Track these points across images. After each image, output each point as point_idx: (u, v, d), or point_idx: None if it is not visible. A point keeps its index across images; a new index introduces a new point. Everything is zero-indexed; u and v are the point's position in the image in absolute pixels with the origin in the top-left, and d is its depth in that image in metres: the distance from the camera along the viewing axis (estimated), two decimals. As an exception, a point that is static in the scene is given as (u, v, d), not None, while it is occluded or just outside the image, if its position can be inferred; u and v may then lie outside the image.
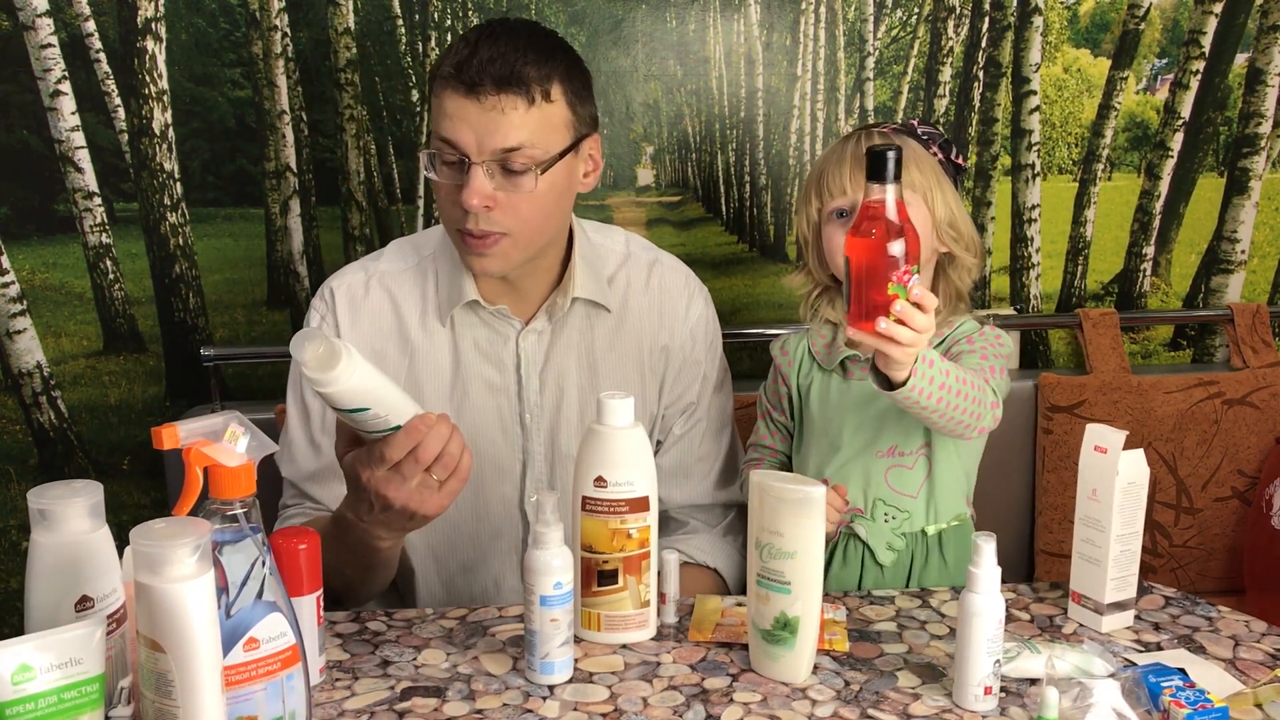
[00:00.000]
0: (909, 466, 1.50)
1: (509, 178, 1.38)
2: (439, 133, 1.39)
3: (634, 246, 1.63)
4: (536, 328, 1.53)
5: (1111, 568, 1.31)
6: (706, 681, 1.21)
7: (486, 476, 1.55)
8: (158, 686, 0.92)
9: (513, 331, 1.53)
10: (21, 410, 2.13)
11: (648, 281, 1.60)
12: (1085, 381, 2.17)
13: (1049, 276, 2.32)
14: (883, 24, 2.20)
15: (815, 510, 1.17)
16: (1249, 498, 2.22)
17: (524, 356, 1.54)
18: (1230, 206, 2.33)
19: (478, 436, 1.53)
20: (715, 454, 1.65)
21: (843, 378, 1.53)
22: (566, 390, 1.55)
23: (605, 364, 1.57)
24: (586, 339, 1.56)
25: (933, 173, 1.48)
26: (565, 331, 1.55)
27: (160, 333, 2.14)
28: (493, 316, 1.53)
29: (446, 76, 1.37)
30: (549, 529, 1.19)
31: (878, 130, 1.51)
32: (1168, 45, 2.26)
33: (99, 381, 2.15)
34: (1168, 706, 1.11)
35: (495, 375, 1.54)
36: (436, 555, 1.59)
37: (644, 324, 1.59)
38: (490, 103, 1.35)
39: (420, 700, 1.17)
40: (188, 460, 0.98)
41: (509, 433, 1.55)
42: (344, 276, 1.57)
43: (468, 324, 1.53)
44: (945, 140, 1.56)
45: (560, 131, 1.40)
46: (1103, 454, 1.31)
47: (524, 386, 1.54)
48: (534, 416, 1.55)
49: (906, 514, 1.51)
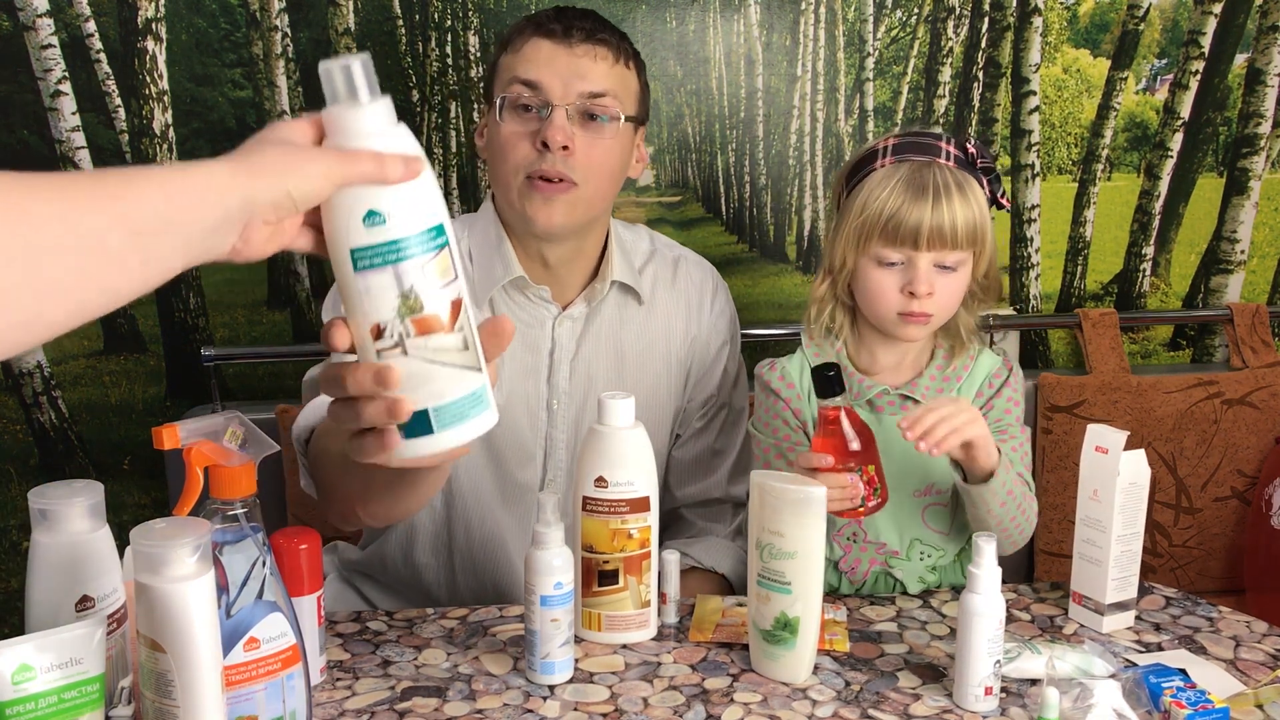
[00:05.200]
0: (945, 504, 1.46)
1: (586, 125, 1.43)
2: (520, 75, 1.43)
3: (659, 243, 1.65)
4: (573, 314, 1.54)
5: (1112, 568, 1.31)
6: (707, 682, 1.21)
7: (509, 458, 1.54)
8: (158, 686, 0.92)
9: (549, 316, 1.53)
10: (22, 410, 2.13)
11: (674, 277, 1.61)
12: (1085, 381, 2.17)
13: (1048, 276, 2.32)
14: (882, 24, 2.20)
15: (816, 510, 1.17)
16: (1249, 498, 2.22)
17: (558, 342, 1.54)
18: (1230, 207, 2.33)
19: (503, 417, 1.50)
20: (732, 447, 1.66)
21: (870, 411, 1.45)
22: (594, 381, 1.55)
23: (632, 358, 1.57)
24: (616, 332, 1.56)
25: (990, 222, 1.40)
26: (598, 322, 1.55)
27: (160, 333, 2.14)
28: (533, 300, 1.53)
29: (534, 27, 1.44)
30: (549, 529, 1.19)
31: (929, 152, 1.39)
32: (1167, 45, 2.26)
33: (99, 381, 2.14)
34: (1168, 707, 1.10)
35: (529, 358, 1.53)
36: (454, 535, 1.57)
37: (671, 318, 1.60)
38: (582, 50, 1.43)
39: (421, 700, 1.17)
40: (188, 460, 0.97)
41: (535, 418, 1.54)
42: None
43: (504, 305, 1.53)
44: (997, 175, 1.46)
45: (634, 98, 1.49)
46: (1104, 454, 1.31)
47: (554, 372, 1.54)
48: (561, 404, 1.55)
49: (942, 551, 1.46)
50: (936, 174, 1.37)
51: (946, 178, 1.37)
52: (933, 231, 1.35)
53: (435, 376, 0.85)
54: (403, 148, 0.82)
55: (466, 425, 0.87)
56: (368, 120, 0.83)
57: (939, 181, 1.36)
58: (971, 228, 1.37)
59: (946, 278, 1.38)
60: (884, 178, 1.39)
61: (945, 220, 1.35)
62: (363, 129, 0.82)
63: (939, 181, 1.36)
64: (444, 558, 1.59)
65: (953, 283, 1.39)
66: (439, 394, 0.85)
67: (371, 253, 0.82)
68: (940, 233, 1.36)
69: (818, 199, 2.25)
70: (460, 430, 0.87)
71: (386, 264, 0.82)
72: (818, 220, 2.26)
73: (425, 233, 0.83)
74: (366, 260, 0.82)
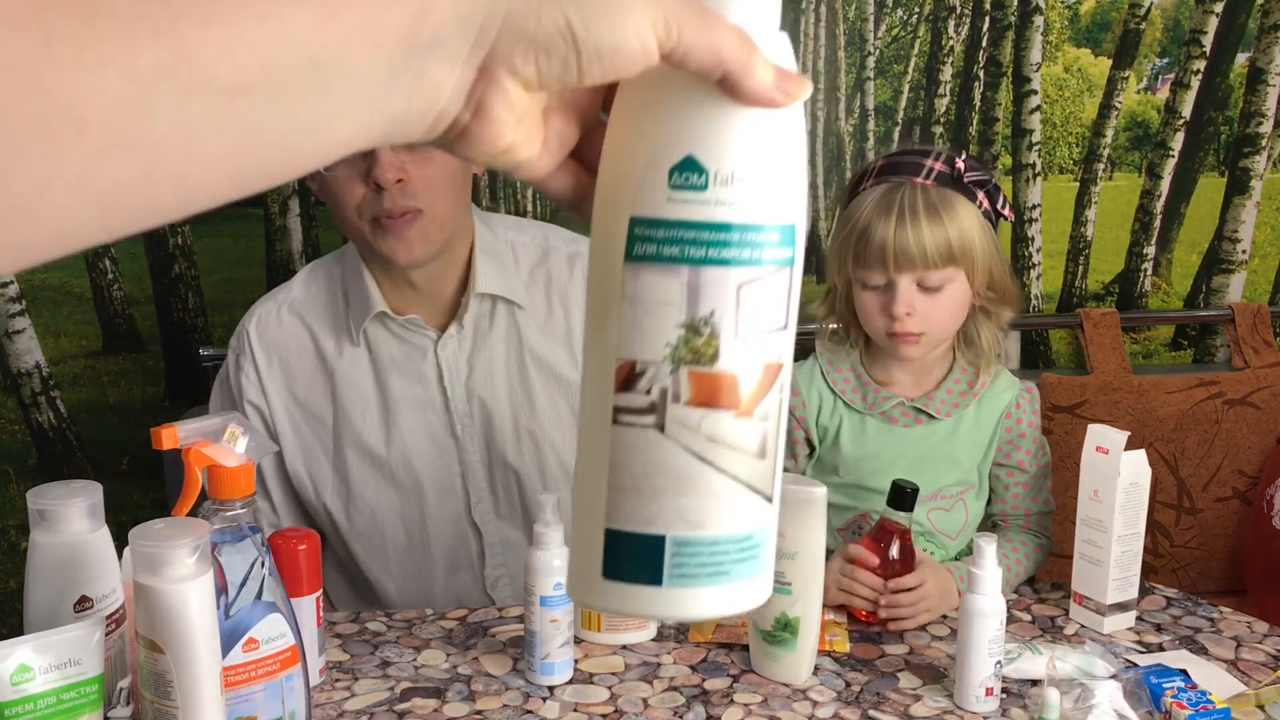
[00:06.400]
0: (947, 509, 1.48)
1: (411, 151, 1.36)
2: None
3: (554, 240, 1.57)
4: (453, 334, 1.48)
5: (1113, 569, 1.31)
6: (707, 682, 1.21)
7: (429, 496, 1.50)
8: (157, 687, 0.92)
9: (429, 342, 1.49)
10: (20, 410, 2.13)
11: (571, 275, 1.54)
12: (1086, 382, 2.17)
13: (1050, 276, 2.32)
14: (883, 23, 2.19)
15: (816, 510, 1.17)
16: (1250, 498, 2.22)
17: (445, 367, 1.49)
18: (1231, 206, 2.32)
19: (412, 456, 1.49)
20: None
21: (884, 422, 1.46)
22: (497, 396, 1.50)
23: (537, 361, 1.51)
24: (514, 339, 1.51)
25: (979, 236, 1.39)
26: (489, 335, 1.50)
27: (159, 332, 2.14)
28: (404, 329, 1.48)
29: None
30: (549, 529, 1.18)
31: (908, 171, 1.40)
32: (1168, 45, 2.26)
33: (98, 381, 2.14)
34: (1169, 708, 1.10)
35: (419, 390, 1.49)
36: (395, 580, 1.54)
37: (576, 315, 1.52)
38: None
39: (420, 701, 1.17)
40: (187, 460, 0.97)
41: (443, 447, 1.50)
42: (255, 310, 1.53)
43: (381, 340, 1.49)
44: (993, 186, 1.43)
45: None
46: (1104, 455, 1.31)
47: (450, 398, 1.49)
48: (465, 427, 1.50)
49: (944, 550, 1.48)
50: (907, 195, 1.37)
51: (916, 198, 1.37)
52: (900, 253, 1.36)
53: (696, 483, 0.47)
54: (784, 62, 0.45)
55: (722, 589, 0.48)
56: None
57: (907, 202, 1.37)
58: (945, 247, 1.36)
59: (931, 297, 1.38)
60: (862, 201, 1.41)
61: (911, 242, 1.35)
62: (736, 6, 0.44)
63: (907, 202, 1.37)
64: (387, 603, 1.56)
65: (941, 301, 1.39)
66: (692, 517, 0.47)
67: (665, 232, 0.45)
68: (908, 254, 1.35)
69: (818, 199, 2.25)
70: (708, 595, 0.48)
71: (684, 261, 0.45)
72: (819, 220, 2.25)
73: (770, 230, 0.46)
74: (652, 244, 0.45)
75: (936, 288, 1.38)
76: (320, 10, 0.36)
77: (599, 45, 0.41)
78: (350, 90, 0.37)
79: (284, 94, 0.36)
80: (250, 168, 0.37)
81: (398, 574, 1.54)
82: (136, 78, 0.33)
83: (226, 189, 0.37)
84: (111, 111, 0.33)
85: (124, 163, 0.34)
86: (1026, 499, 1.51)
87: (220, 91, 0.34)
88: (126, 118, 0.33)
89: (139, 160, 0.34)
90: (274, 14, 0.35)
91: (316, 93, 0.37)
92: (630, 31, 0.41)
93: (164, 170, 0.35)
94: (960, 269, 1.38)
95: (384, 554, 1.53)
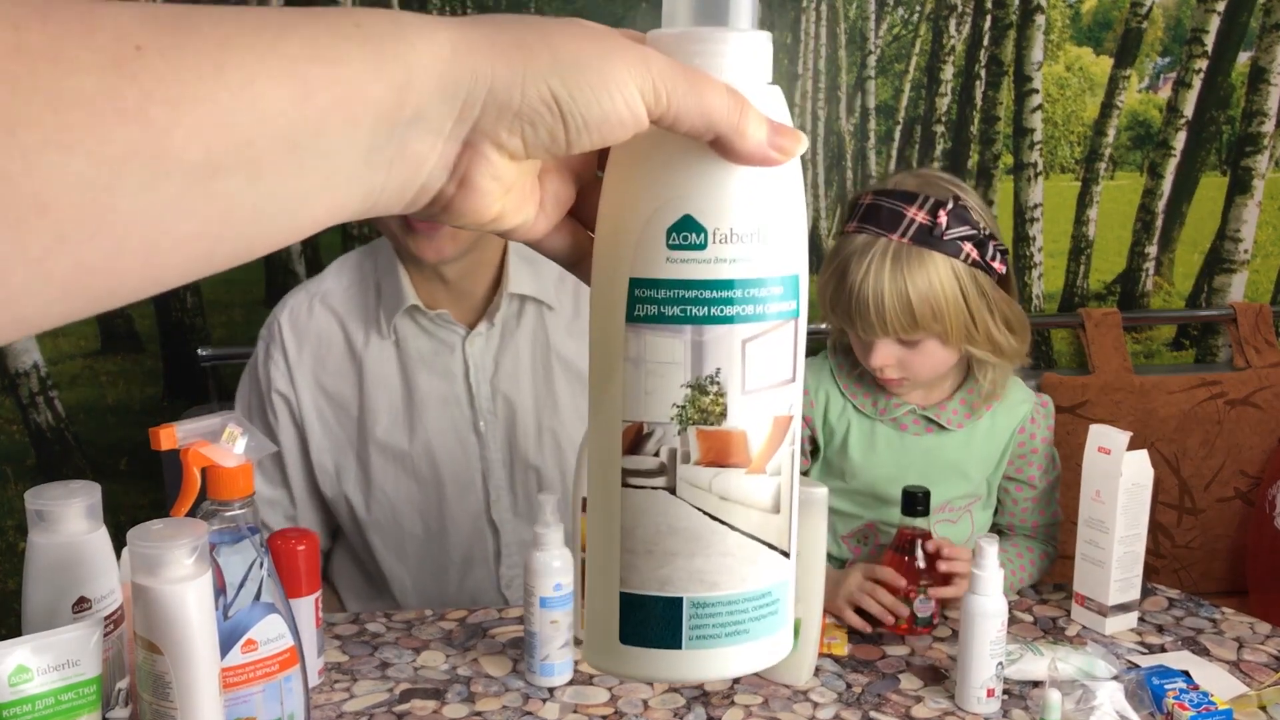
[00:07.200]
0: (954, 521, 1.48)
1: None
2: None
3: None
4: (481, 331, 1.49)
5: (1115, 569, 1.31)
6: (707, 684, 1.20)
7: (449, 492, 1.51)
8: (155, 688, 0.91)
9: (457, 339, 1.49)
10: (19, 410, 2.13)
11: None
12: (1087, 381, 2.16)
13: (1051, 276, 2.32)
14: (884, 22, 2.19)
15: (816, 511, 1.17)
16: (1252, 498, 2.21)
17: (472, 364, 1.50)
18: (1233, 206, 2.32)
19: (435, 451, 1.50)
20: None
21: (894, 429, 1.46)
22: (521, 395, 1.51)
23: (562, 361, 1.52)
24: (540, 339, 1.52)
25: (952, 299, 1.33)
26: (516, 334, 1.51)
27: (158, 332, 2.13)
28: (434, 324, 1.49)
29: None
30: (549, 530, 1.18)
31: (886, 225, 1.33)
32: (1170, 44, 2.25)
33: (96, 381, 2.14)
34: (1171, 709, 1.10)
35: (445, 386, 1.50)
36: (410, 573, 1.55)
37: None
38: None
39: (419, 702, 1.16)
40: (185, 461, 0.97)
41: (466, 444, 1.51)
42: (287, 302, 1.54)
43: (410, 335, 1.50)
44: (983, 236, 1.34)
45: None
46: (1106, 455, 1.31)
47: (475, 395, 1.50)
48: (489, 424, 1.51)
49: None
50: (876, 260, 1.32)
51: (884, 264, 1.32)
52: (861, 321, 1.34)
53: (711, 543, 0.46)
54: (777, 116, 0.44)
55: (742, 648, 0.48)
56: (737, 53, 0.44)
57: (874, 269, 1.32)
58: (908, 315, 1.32)
59: (912, 349, 1.37)
60: (840, 248, 1.38)
61: (872, 311, 1.32)
62: (726, 64, 0.44)
63: (874, 269, 1.32)
64: (403, 598, 1.58)
65: (924, 352, 1.37)
66: (708, 577, 0.47)
67: (666, 293, 0.44)
68: (866, 321, 1.33)
69: (819, 198, 2.24)
70: (728, 654, 0.47)
71: (686, 320, 0.44)
72: (819, 219, 2.25)
73: (773, 283, 0.45)
74: (653, 305, 0.45)
75: (915, 342, 1.36)
76: (298, 88, 0.35)
77: (586, 116, 0.40)
78: (329, 168, 0.37)
79: (260, 173, 0.35)
80: (223, 246, 0.36)
81: (414, 567, 1.55)
82: (104, 160, 0.32)
83: (199, 267, 0.37)
84: (76, 195, 0.32)
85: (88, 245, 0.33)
86: (1034, 513, 1.51)
87: (192, 171, 0.33)
88: (91, 201, 0.32)
89: (104, 243, 0.33)
90: (249, 92, 0.34)
91: (294, 172, 0.36)
92: (619, 100, 0.40)
93: (131, 252, 0.34)
94: (930, 334, 1.35)
95: (401, 547, 1.54)
